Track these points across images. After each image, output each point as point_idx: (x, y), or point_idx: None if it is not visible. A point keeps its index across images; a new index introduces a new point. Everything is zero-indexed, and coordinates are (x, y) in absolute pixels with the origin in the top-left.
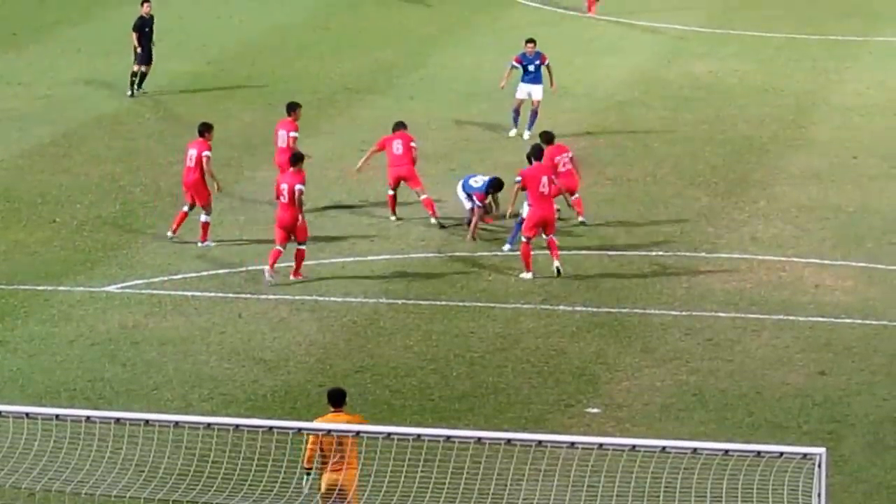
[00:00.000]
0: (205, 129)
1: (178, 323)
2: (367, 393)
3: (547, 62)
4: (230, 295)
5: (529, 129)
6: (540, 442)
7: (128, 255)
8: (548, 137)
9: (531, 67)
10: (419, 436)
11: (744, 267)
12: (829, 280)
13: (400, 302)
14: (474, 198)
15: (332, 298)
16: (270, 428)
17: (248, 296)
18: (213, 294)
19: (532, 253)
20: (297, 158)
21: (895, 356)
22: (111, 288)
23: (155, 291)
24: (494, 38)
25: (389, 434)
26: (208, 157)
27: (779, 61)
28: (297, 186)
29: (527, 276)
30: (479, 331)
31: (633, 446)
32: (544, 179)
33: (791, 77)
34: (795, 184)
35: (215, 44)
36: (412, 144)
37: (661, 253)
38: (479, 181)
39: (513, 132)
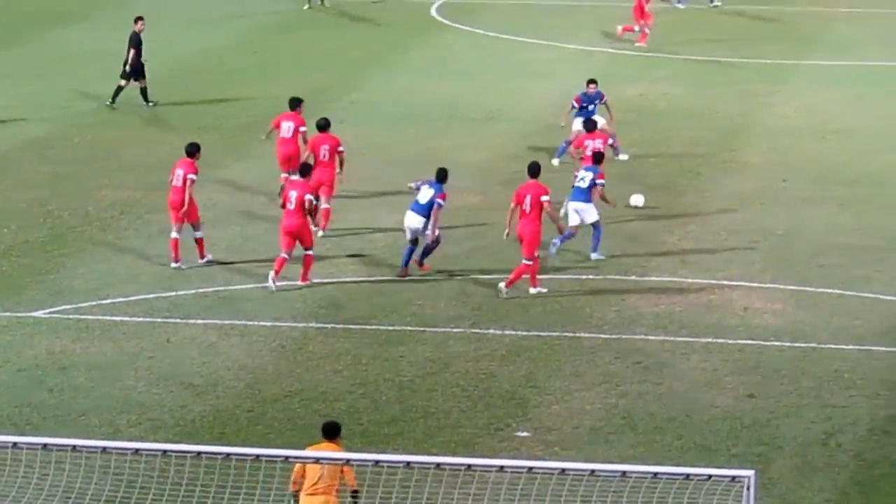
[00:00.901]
0: (194, 150)
1: (106, 348)
2: (297, 417)
3: (605, 100)
4: (159, 320)
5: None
6: (469, 466)
7: (56, 280)
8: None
9: (590, 107)
10: (348, 461)
11: (674, 290)
12: (759, 303)
13: (329, 326)
14: (437, 201)
15: (262, 323)
16: (199, 453)
17: (177, 320)
18: (141, 319)
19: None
20: (306, 169)
21: (824, 379)
22: (39, 313)
23: (83, 316)
24: (426, 62)
25: (318, 459)
26: (192, 181)
27: (710, 84)
28: (307, 196)
29: (533, 290)
30: (409, 355)
31: (563, 470)
32: (528, 198)
33: (722, 100)
34: (726, 207)
35: (146, 67)
36: (340, 149)
37: (591, 276)
38: (425, 195)
39: (556, 161)
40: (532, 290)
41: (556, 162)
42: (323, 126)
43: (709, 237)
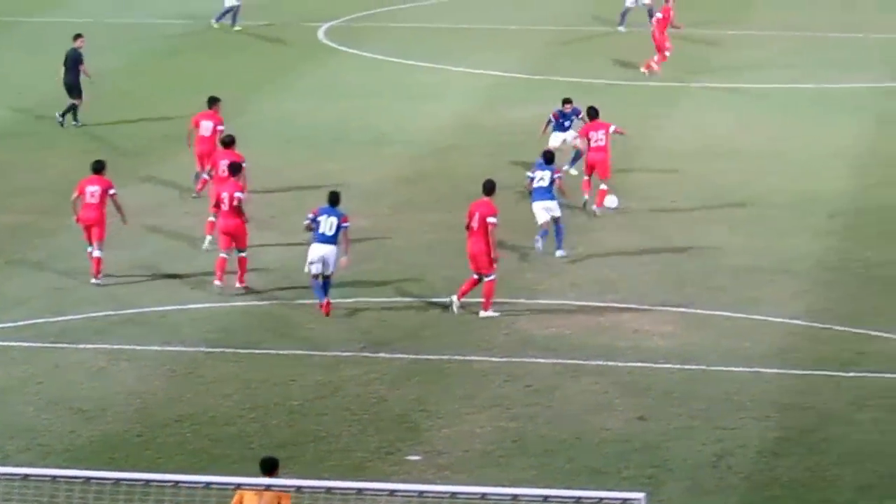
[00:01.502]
0: (101, 167)
1: None
2: (187, 442)
3: (581, 115)
4: (48, 345)
5: (572, 165)
6: (360, 490)
7: None
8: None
9: (566, 123)
10: (239, 485)
11: (564, 312)
12: (649, 325)
13: (219, 350)
14: (343, 226)
15: (152, 347)
16: (88, 479)
17: (66, 345)
18: (30, 344)
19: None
20: (235, 168)
21: (714, 401)
22: None
23: None
24: (314, 85)
25: (209, 484)
26: (114, 193)
27: (600, 107)
28: (237, 194)
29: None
30: (300, 378)
31: (454, 493)
32: (476, 216)
33: (612, 122)
34: (616, 228)
35: (33, 91)
36: (245, 166)
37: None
38: (328, 225)
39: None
40: (483, 314)
41: (573, 171)
42: (227, 143)
43: (599, 259)
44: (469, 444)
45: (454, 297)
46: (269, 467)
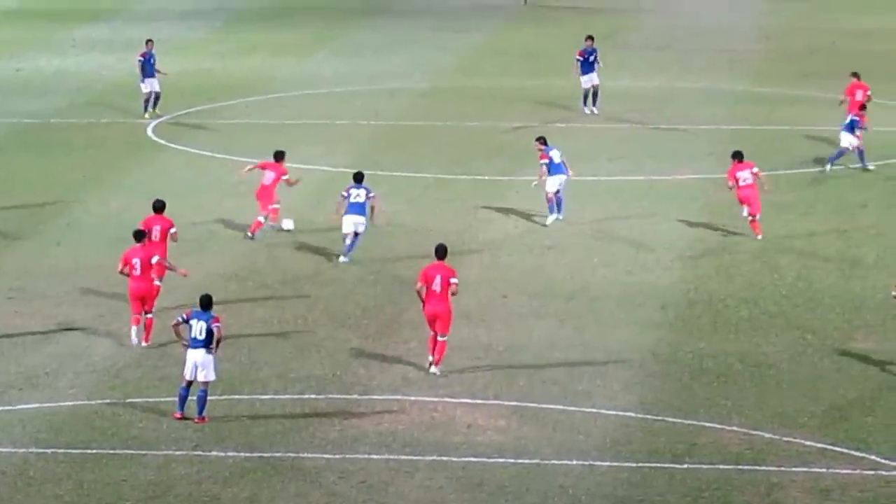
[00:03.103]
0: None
1: None
2: None
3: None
4: None
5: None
6: None
7: None
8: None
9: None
10: None
11: (396, 408)
12: (482, 419)
13: (50, 451)
14: (214, 326)
15: None
16: None
17: None
18: None
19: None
20: (139, 235)
21: (548, 495)
22: None
23: None
24: (143, 181)
25: None
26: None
27: (428, 201)
28: (153, 259)
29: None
30: (131, 478)
31: None
32: (438, 278)
33: (440, 216)
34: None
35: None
36: (172, 230)
37: (313, 395)
38: (199, 329)
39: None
40: (434, 370)
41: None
42: (158, 208)
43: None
44: None
45: (432, 367)
46: None
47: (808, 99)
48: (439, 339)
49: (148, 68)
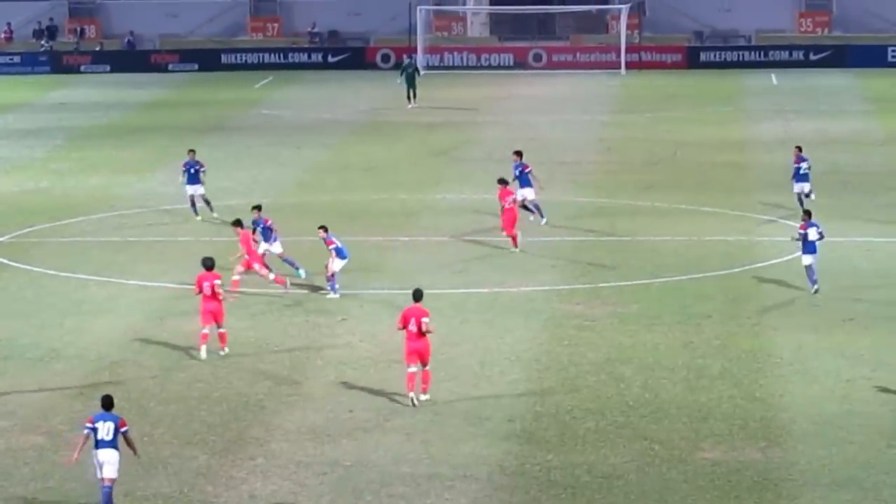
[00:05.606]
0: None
1: None
2: None
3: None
4: None
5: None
6: None
7: None
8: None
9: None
10: None
11: None
12: None
13: None
14: (123, 430)
15: None
16: None
17: None
18: None
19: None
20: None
21: None
22: None
23: None
24: None
25: None
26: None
27: (271, 317)
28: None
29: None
30: None
31: None
32: (412, 320)
33: (284, 333)
34: (292, 440)
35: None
36: None
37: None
38: (106, 430)
39: None
40: (423, 398)
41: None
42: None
43: (276, 470)
44: None
45: (411, 395)
46: None
47: (649, 210)
48: (426, 369)
49: None
